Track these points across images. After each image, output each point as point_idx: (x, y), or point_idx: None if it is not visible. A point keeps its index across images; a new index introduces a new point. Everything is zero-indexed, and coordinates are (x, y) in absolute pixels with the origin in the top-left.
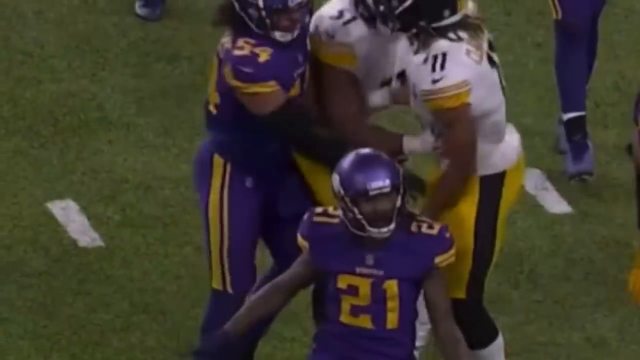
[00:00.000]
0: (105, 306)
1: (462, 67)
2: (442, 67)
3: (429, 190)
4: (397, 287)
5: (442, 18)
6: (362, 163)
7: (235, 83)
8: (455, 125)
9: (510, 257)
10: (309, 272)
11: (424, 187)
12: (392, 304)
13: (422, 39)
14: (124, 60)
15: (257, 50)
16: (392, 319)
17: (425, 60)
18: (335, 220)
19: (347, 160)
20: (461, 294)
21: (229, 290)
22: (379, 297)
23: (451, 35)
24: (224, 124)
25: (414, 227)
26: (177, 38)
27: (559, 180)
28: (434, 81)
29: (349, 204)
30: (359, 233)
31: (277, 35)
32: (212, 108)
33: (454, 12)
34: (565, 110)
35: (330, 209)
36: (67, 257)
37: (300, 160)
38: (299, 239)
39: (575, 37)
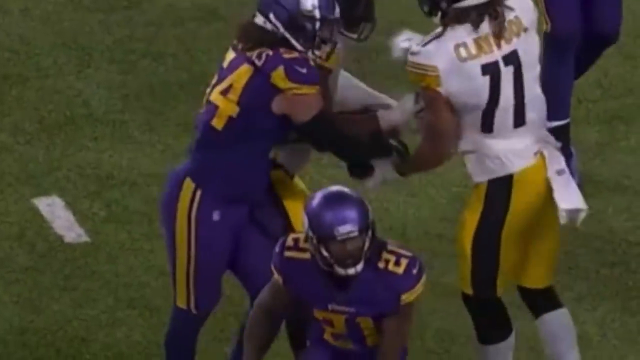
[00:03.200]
0: (91, 301)
1: (439, 55)
2: (425, 44)
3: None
4: (370, 320)
5: None
6: (331, 204)
7: (287, 85)
8: (428, 107)
9: None
10: (286, 297)
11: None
12: (369, 331)
13: (443, 21)
14: (109, 57)
15: (303, 54)
16: (372, 339)
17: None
18: (307, 255)
19: (315, 200)
20: (468, 290)
21: (193, 310)
22: (354, 328)
23: (472, 17)
24: (227, 140)
25: (381, 264)
26: (162, 35)
27: None
28: (412, 53)
29: (317, 245)
30: (327, 270)
31: (317, 52)
32: (217, 124)
33: None
34: (550, 118)
35: (301, 241)
36: (53, 253)
37: (278, 186)
38: (273, 269)
39: (564, 49)
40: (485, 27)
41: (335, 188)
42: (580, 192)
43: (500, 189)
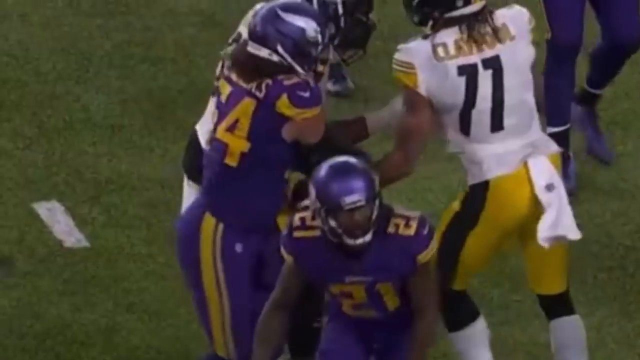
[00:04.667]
0: (90, 306)
1: (417, 52)
2: (409, 42)
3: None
4: (390, 285)
5: (454, 8)
6: (337, 175)
7: (293, 111)
8: (406, 107)
9: (492, 257)
10: (301, 281)
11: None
12: (389, 295)
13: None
14: (108, 63)
15: (303, 77)
16: (392, 303)
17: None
18: (316, 233)
19: (321, 172)
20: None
21: (234, 358)
22: (375, 296)
23: (460, 24)
24: (244, 175)
25: (391, 228)
26: (161, 40)
27: None
28: (397, 50)
29: (325, 216)
30: (335, 241)
31: (320, 69)
32: (231, 162)
33: (467, 2)
34: (550, 124)
35: (308, 219)
36: (52, 258)
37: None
38: (283, 253)
39: (564, 57)
40: (466, 31)
41: (341, 159)
42: (576, 196)
43: (477, 194)
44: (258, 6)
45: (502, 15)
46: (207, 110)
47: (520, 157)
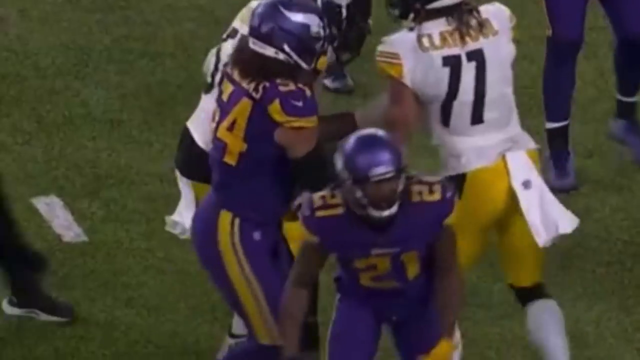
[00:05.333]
0: (89, 301)
1: (402, 43)
2: (392, 35)
3: None
4: (415, 253)
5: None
6: (365, 146)
7: (283, 118)
8: (391, 98)
9: (490, 251)
10: (322, 259)
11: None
12: (412, 264)
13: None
14: (107, 57)
15: (300, 86)
16: (412, 272)
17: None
18: (339, 211)
19: (349, 142)
20: None
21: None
22: (398, 266)
23: (442, 15)
24: (245, 174)
25: (416, 197)
26: (160, 35)
27: None
28: (381, 42)
29: (351, 187)
30: (361, 213)
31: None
32: (230, 160)
33: None
34: (549, 119)
35: (329, 198)
36: (51, 252)
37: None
38: (306, 233)
39: (564, 54)
40: (453, 22)
41: (369, 130)
42: (576, 191)
43: (454, 181)
44: (253, 3)
45: (485, 11)
46: (198, 107)
47: (499, 151)
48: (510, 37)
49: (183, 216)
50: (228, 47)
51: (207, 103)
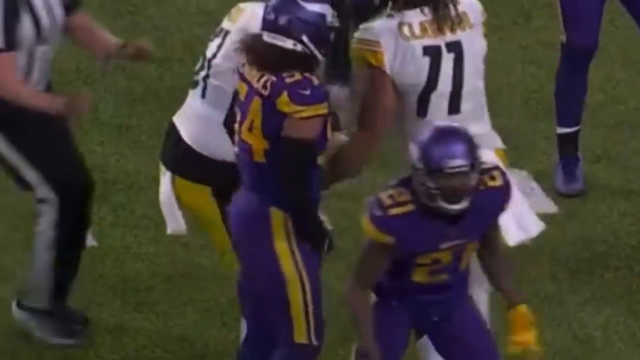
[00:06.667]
0: (98, 305)
1: (383, 31)
2: (373, 22)
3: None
4: (476, 243)
5: None
6: (443, 137)
7: (291, 108)
8: (369, 87)
9: None
10: (387, 259)
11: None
12: (469, 253)
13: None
14: (116, 62)
15: (307, 75)
16: (466, 262)
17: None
18: (410, 207)
19: (427, 133)
20: None
21: (314, 342)
22: (458, 257)
23: (420, 4)
24: (275, 170)
25: (481, 185)
26: (169, 40)
27: (544, 180)
28: (359, 29)
29: (424, 177)
30: (431, 205)
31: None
32: (260, 159)
33: None
34: (560, 124)
35: (397, 196)
36: None
37: None
38: (377, 234)
39: (578, 61)
40: (430, 13)
41: (446, 123)
42: (584, 196)
43: None
44: (242, 5)
45: (462, 3)
46: (185, 102)
47: None
48: (482, 31)
49: (165, 212)
50: (213, 46)
51: (193, 99)
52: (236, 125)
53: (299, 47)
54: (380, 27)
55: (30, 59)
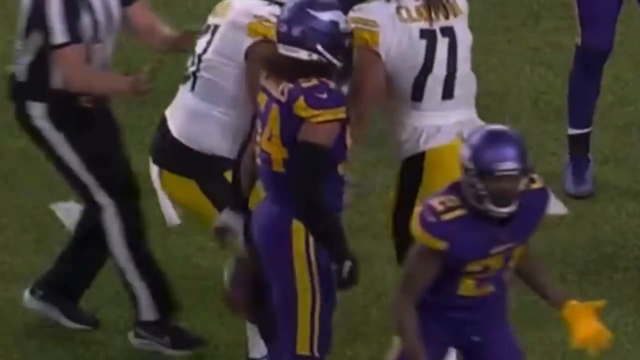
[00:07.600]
0: (109, 307)
1: (380, 11)
2: (369, 3)
3: None
4: (520, 247)
5: None
6: (495, 140)
7: (308, 113)
8: (360, 68)
9: None
10: (438, 267)
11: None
12: (514, 260)
13: None
14: (124, 63)
15: (323, 80)
16: (509, 273)
17: None
18: (461, 212)
19: (479, 134)
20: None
21: (316, 355)
22: (507, 263)
23: None
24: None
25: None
26: None
27: (553, 181)
28: (354, 9)
29: (474, 178)
30: (479, 207)
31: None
32: (279, 169)
33: None
34: (572, 125)
35: (447, 201)
36: None
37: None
38: (431, 240)
39: (592, 63)
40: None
41: (498, 126)
42: (592, 197)
43: (412, 168)
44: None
45: None
46: (176, 97)
47: (457, 130)
48: (466, 22)
49: (163, 205)
50: (202, 42)
51: (183, 93)
52: (257, 137)
53: (315, 57)
54: (377, 7)
55: (87, 56)
